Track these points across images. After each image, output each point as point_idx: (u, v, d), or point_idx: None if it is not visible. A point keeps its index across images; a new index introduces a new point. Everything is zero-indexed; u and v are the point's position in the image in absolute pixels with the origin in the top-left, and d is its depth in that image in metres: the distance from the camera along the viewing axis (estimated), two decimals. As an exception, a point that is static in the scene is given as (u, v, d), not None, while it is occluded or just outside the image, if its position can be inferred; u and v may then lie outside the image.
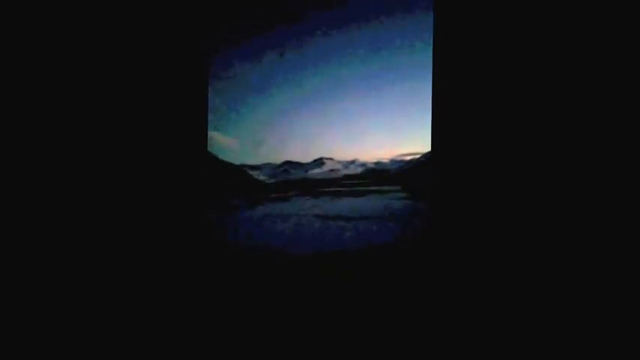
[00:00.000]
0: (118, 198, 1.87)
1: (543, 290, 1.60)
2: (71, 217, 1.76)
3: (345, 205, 12.02)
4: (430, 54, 2.04)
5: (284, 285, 2.70)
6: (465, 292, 1.76)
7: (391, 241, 4.85)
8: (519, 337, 1.62)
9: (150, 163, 1.96)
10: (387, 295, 2.40)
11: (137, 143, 1.92)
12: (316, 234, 5.74)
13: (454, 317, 1.77)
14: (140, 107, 1.94)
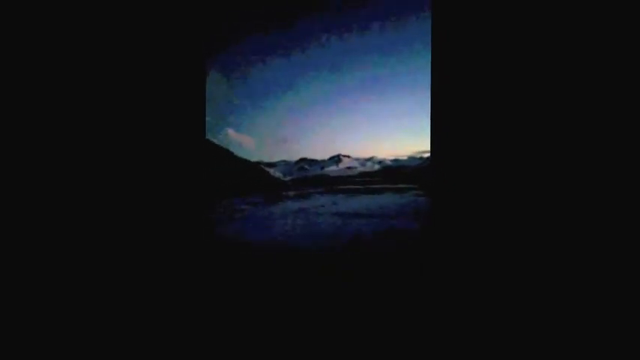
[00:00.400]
0: (118, 198, 1.91)
1: (543, 289, 1.57)
2: (71, 214, 1.80)
3: (361, 202, 11.94)
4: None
5: (287, 284, 2.69)
6: (465, 291, 1.72)
7: (403, 239, 4.76)
8: (520, 336, 1.59)
9: (150, 161, 1.98)
10: (391, 294, 2.35)
11: (138, 142, 1.95)
12: (329, 231, 5.72)
13: (454, 317, 1.74)
14: (140, 106, 1.97)
